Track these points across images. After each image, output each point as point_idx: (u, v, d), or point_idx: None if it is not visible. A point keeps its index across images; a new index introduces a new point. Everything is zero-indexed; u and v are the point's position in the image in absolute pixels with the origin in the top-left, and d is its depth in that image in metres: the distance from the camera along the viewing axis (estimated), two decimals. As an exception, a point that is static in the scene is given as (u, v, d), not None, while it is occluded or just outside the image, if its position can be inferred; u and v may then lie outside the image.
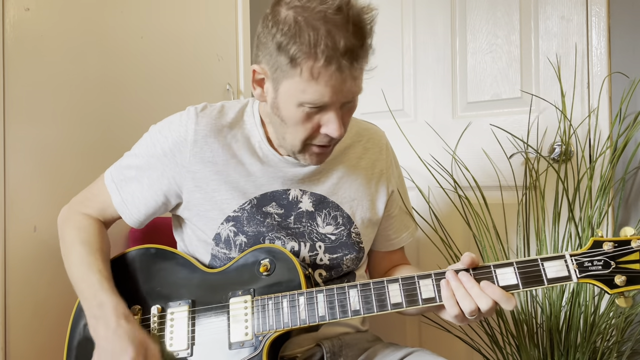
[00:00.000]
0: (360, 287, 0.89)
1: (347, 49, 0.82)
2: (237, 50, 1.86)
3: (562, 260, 0.85)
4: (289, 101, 0.88)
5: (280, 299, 0.92)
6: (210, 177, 1.00)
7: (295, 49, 0.82)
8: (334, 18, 0.82)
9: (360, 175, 1.09)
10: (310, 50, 0.81)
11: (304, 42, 0.82)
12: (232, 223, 1.01)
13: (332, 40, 0.81)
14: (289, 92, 0.87)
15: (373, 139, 1.13)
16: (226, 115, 1.03)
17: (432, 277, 0.87)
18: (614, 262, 0.84)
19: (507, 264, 0.86)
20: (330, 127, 0.89)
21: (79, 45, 1.33)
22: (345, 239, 1.05)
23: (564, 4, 1.54)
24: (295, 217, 1.03)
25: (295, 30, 0.82)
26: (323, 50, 0.81)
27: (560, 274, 0.84)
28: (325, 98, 0.85)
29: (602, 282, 0.84)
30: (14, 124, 1.18)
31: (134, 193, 1.04)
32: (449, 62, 1.74)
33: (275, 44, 0.85)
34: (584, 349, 1.35)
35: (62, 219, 1.09)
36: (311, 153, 0.95)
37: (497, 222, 1.56)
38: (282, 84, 0.88)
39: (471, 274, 0.86)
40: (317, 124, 0.90)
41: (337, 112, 0.89)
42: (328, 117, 0.89)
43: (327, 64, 0.82)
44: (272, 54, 0.86)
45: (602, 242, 0.85)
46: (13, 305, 1.18)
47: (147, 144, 1.03)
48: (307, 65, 0.83)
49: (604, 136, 1.48)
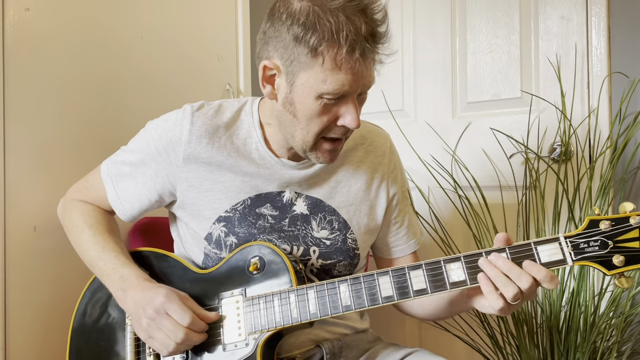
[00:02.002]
0: (350, 282, 0.88)
1: (369, 33, 0.82)
2: (237, 50, 1.86)
3: (557, 243, 0.81)
4: (307, 94, 0.87)
5: (272, 297, 0.91)
6: (204, 176, 1.00)
7: (316, 38, 0.82)
8: (349, 5, 0.82)
9: (360, 180, 1.06)
10: (332, 37, 0.81)
11: (325, 30, 0.81)
12: (223, 223, 1.00)
13: (353, 26, 0.81)
14: (307, 84, 0.86)
15: (376, 142, 1.10)
16: (223, 115, 1.01)
17: (423, 268, 0.86)
18: (612, 242, 0.80)
19: (499, 249, 0.83)
20: (348, 118, 0.88)
21: (79, 45, 1.33)
22: (340, 244, 1.03)
23: (564, 4, 1.54)
24: (290, 219, 1.02)
25: (314, 19, 0.81)
26: (346, 36, 0.81)
27: (554, 258, 0.81)
28: (346, 87, 0.85)
29: (599, 264, 0.80)
30: (14, 123, 1.18)
31: (128, 190, 1.04)
32: (449, 62, 1.74)
33: (291, 36, 0.83)
34: (584, 349, 1.35)
35: (63, 210, 1.10)
36: (323, 150, 0.93)
37: (497, 222, 1.56)
38: (299, 77, 0.86)
39: (507, 255, 0.82)
40: (334, 116, 0.89)
41: (354, 103, 0.88)
42: (346, 107, 0.88)
43: (351, 50, 0.82)
44: (287, 46, 0.85)
45: (598, 220, 0.81)
46: (13, 305, 1.18)
47: (142, 141, 1.03)
48: (330, 53, 0.82)
49: (604, 136, 1.48)
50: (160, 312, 0.88)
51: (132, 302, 0.92)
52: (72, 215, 1.07)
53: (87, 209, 1.07)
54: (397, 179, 1.11)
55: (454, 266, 0.85)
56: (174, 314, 0.88)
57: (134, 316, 0.93)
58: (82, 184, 1.11)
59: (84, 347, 1.02)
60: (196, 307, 0.92)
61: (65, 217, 1.09)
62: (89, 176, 1.11)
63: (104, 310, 1.03)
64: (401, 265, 0.87)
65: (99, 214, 1.07)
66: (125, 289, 0.94)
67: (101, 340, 1.02)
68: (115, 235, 1.06)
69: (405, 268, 0.87)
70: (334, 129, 0.91)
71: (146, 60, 1.51)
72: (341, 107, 0.88)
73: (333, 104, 0.88)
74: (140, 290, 0.92)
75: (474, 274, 0.83)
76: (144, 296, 0.91)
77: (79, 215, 1.06)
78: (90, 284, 1.05)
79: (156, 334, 0.89)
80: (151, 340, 0.91)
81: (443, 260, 0.86)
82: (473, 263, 0.84)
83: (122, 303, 0.96)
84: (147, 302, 0.90)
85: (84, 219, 1.05)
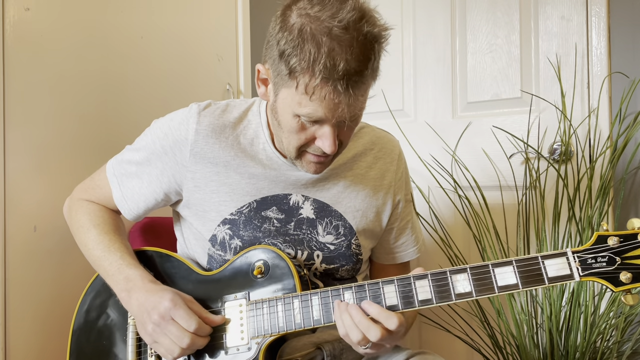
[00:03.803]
0: (355, 290, 0.87)
1: (345, 73, 0.79)
2: (237, 50, 1.86)
3: (564, 257, 0.81)
4: (286, 109, 0.87)
5: (275, 302, 0.90)
6: (209, 177, 0.99)
7: (295, 62, 0.80)
8: (340, 36, 0.79)
9: (367, 186, 1.05)
10: (308, 66, 0.79)
11: (304, 57, 0.79)
12: (228, 226, 0.99)
13: (331, 61, 0.78)
14: (285, 101, 0.86)
15: (385, 149, 1.09)
16: (230, 115, 1.00)
17: (429, 278, 0.84)
18: (619, 258, 0.79)
19: (505, 262, 0.82)
20: (324, 143, 0.87)
21: (79, 45, 1.33)
22: (344, 249, 1.02)
23: (564, 4, 1.54)
24: (295, 223, 1.01)
25: (298, 42, 0.80)
26: (321, 69, 0.78)
27: (561, 273, 0.80)
28: (320, 114, 0.83)
29: (606, 280, 0.79)
30: (14, 123, 1.18)
31: (134, 189, 1.03)
32: (449, 62, 1.74)
33: (278, 51, 0.83)
34: (584, 349, 1.35)
35: (69, 209, 1.10)
36: (308, 161, 0.93)
37: (497, 222, 1.56)
38: (281, 91, 0.86)
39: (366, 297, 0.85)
40: (312, 135, 0.88)
41: (332, 129, 0.86)
42: (322, 131, 0.87)
43: (323, 83, 0.80)
44: (275, 59, 0.85)
45: (606, 236, 0.80)
46: (13, 305, 1.18)
47: (148, 140, 1.02)
48: (303, 80, 0.81)
49: (604, 136, 1.48)
50: (166, 318, 0.88)
51: (137, 305, 0.92)
52: (78, 214, 1.07)
53: (93, 208, 1.07)
54: (403, 186, 1.10)
55: (460, 277, 0.83)
56: (180, 319, 0.88)
57: (139, 319, 0.92)
58: (88, 184, 1.11)
59: (84, 347, 1.02)
60: (202, 310, 0.92)
61: (71, 217, 1.08)
62: (94, 175, 1.10)
63: (106, 309, 1.03)
64: (406, 274, 0.86)
65: (105, 213, 1.06)
66: (130, 290, 0.93)
67: (102, 339, 1.01)
68: (121, 235, 1.05)
69: (410, 277, 0.85)
70: (312, 147, 0.90)
71: (146, 60, 1.51)
72: (319, 130, 0.87)
73: (310, 124, 0.87)
74: (144, 292, 0.91)
75: (481, 286, 0.82)
76: (148, 300, 0.90)
77: (84, 214, 1.06)
78: (92, 283, 1.05)
79: (161, 339, 0.89)
80: (156, 345, 0.90)
81: (449, 270, 0.84)
82: (480, 275, 0.83)
83: (126, 304, 0.95)
84: (153, 307, 0.89)
85: (89, 218, 1.05)
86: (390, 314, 0.81)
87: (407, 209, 1.12)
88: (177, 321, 0.88)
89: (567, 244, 1.44)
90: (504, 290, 0.81)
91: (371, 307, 0.83)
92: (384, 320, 0.81)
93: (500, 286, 0.81)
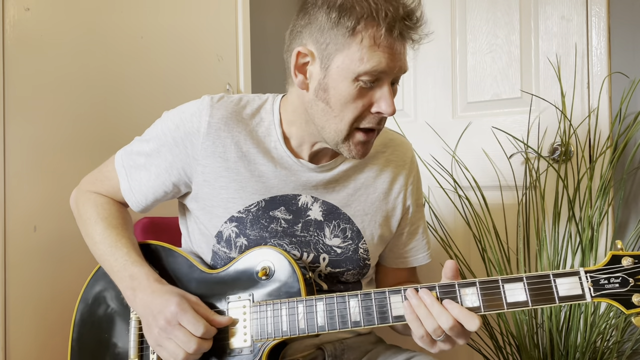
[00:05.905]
0: (361, 297, 0.85)
1: (406, 14, 0.85)
2: (237, 50, 1.85)
3: (577, 277, 0.79)
4: (343, 76, 0.87)
5: (280, 306, 0.89)
6: (219, 173, 0.97)
7: (354, 18, 0.84)
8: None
9: (378, 189, 1.03)
10: (372, 15, 0.83)
11: (364, 10, 0.84)
12: (235, 224, 0.98)
13: (392, 6, 0.84)
14: (343, 66, 0.86)
15: (398, 152, 1.07)
16: (243, 110, 0.98)
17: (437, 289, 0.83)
18: (633, 280, 0.78)
19: (516, 278, 0.80)
20: (383, 104, 0.88)
21: (79, 45, 1.33)
22: (351, 254, 1.01)
23: (564, 4, 1.54)
24: (303, 224, 0.99)
25: (353, 2, 0.85)
26: (385, 15, 0.83)
27: (572, 292, 0.78)
28: (383, 65, 0.86)
29: (618, 302, 0.77)
30: (14, 123, 1.18)
31: (142, 181, 1.01)
32: (449, 62, 1.74)
33: (329, 19, 0.86)
34: (584, 349, 1.35)
35: (76, 200, 1.07)
36: (356, 142, 0.92)
37: (497, 222, 1.56)
38: (334, 60, 0.87)
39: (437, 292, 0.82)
40: (369, 101, 0.89)
41: (389, 87, 0.90)
42: (380, 92, 0.89)
43: (389, 29, 0.84)
44: (323, 30, 0.87)
45: (621, 256, 0.79)
46: (13, 305, 1.18)
47: (159, 132, 1.00)
48: (369, 32, 0.84)
49: (604, 136, 1.48)
50: (173, 323, 0.86)
51: (142, 305, 0.90)
52: (85, 206, 1.04)
53: (100, 201, 1.04)
54: (415, 192, 1.09)
55: (469, 291, 0.82)
56: (188, 324, 0.86)
57: (144, 321, 0.91)
58: (96, 175, 1.08)
59: (85, 342, 1.01)
60: (208, 312, 0.90)
61: (78, 209, 1.06)
62: (102, 167, 1.08)
63: (107, 304, 1.01)
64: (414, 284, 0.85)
65: (112, 206, 1.04)
66: (135, 289, 0.92)
67: (104, 333, 1.00)
68: (128, 229, 1.03)
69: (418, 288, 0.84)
70: (367, 117, 0.90)
71: (146, 60, 1.51)
72: (376, 92, 0.89)
73: (368, 88, 0.88)
74: (150, 293, 0.90)
75: (489, 301, 0.81)
76: (154, 302, 0.89)
77: (91, 207, 1.03)
78: (93, 276, 1.03)
79: (166, 344, 0.88)
80: (160, 349, 0.89)
81: (458, 284, 0.83)
82: (488, 290, 0.81)
83: (131, 303, 0.94)
84: (159, 311, 0.87)
85: (97, 211, 1.02)
86: (473, 315, 0.79)
87: (418, 214, 1.10)
88: (184, 326, 0.86)
89: (567, 244, 1.44)
90: (512, 307, 0.80)
91: (452, 305, 0.81)
92: (465, 320, 0.79)
93: (509, 303, 0.80)
